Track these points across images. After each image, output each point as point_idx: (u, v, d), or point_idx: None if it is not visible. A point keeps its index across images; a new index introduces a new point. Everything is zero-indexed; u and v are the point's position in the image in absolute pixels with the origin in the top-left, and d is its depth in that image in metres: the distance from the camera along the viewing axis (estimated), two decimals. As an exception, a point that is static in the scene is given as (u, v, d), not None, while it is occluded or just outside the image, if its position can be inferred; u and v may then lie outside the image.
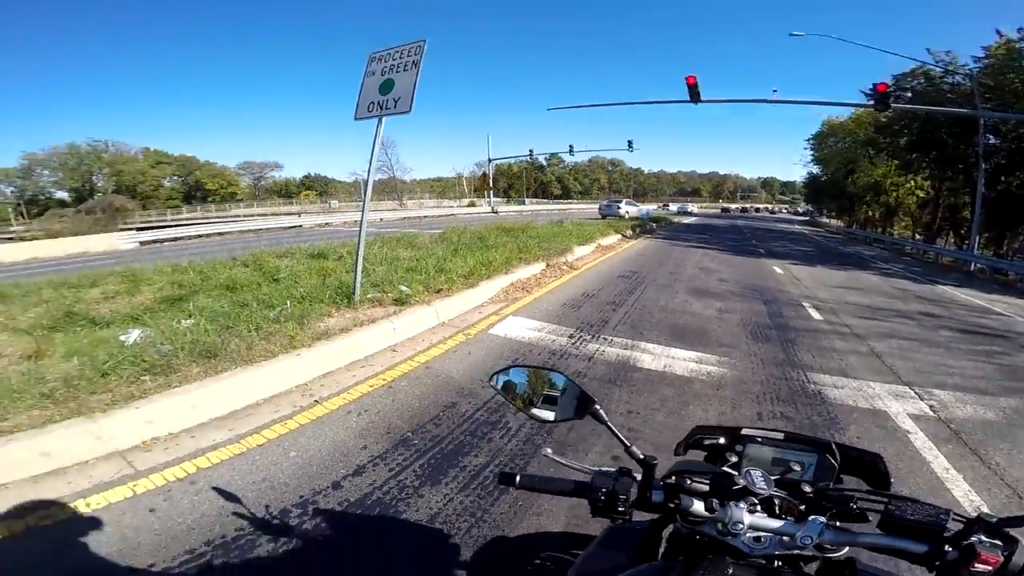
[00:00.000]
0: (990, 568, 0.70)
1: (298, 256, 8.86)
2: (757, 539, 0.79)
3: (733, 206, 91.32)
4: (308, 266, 7.54)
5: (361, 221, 5.82)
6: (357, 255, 5.56)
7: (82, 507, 2.28)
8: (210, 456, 2.73)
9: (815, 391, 4.18)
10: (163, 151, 63.34)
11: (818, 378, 4.50)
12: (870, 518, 0.82)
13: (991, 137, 19.08)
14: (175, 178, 64.45)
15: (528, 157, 48.06)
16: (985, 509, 2.60)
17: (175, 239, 26.67)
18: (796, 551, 0.78)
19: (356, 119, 5.57)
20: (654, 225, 25.17)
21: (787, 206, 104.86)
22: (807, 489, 0.84)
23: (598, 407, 0.93)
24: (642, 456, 0.88)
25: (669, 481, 0.88)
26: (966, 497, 2.77)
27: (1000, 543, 0.71)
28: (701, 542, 0.84)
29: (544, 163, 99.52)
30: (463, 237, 10.56)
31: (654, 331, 5.66)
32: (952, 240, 26.95)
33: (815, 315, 7.20)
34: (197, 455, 2.72)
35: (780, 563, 0.80)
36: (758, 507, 0.83)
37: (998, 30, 18.74)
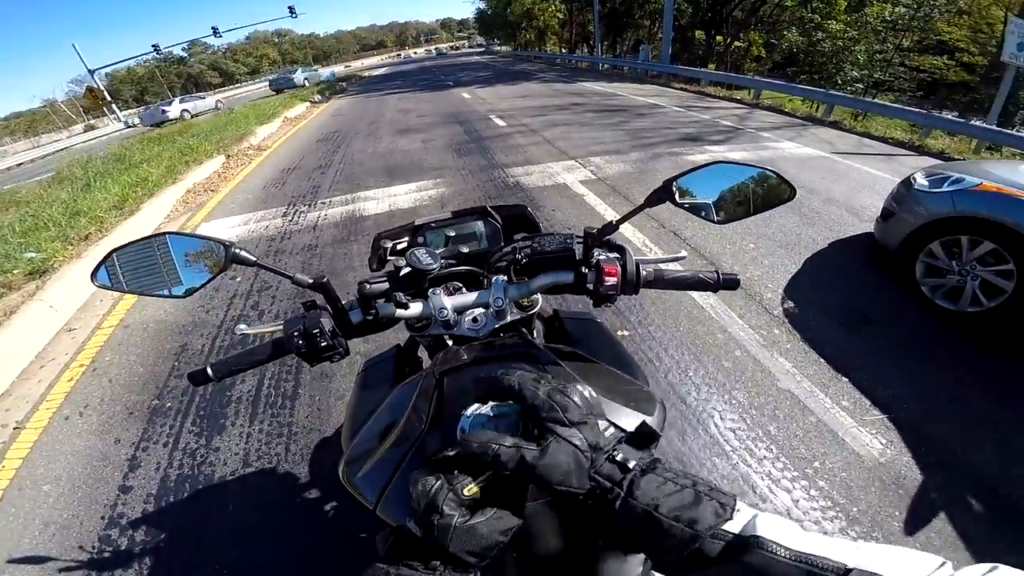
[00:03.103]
0: (615, 279, 0.73)
1: None
2: (475, 319, 0.76)
3: (443, 47, 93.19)
4: None
5: None
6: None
7: None
8: None
9: (515, 183, 4.86)
10: None
11: (514, 171, 5.22)
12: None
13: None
14: None
15: (155, 53, 35.53)
16: (653, 247, 3.27)
17: None
18: (509, 318, 0.78)
19: None
20: (344, 84, 23.27)
21: (467, 42, 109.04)
22: (484, 253, 0.86)
23: (238, 249, 0.69)
24: (311, 280, 0.71)
25: (357, 296, 0.77)
26: (634, 236, 3.46)
27: (615, 254, 0.76)
28: (448, 344, 0.80)
29: (185, 54, 79.98)
30: (91, 168, 7.66)
31: (370, 178, 5.55)
32: (586, 49, 32.56)
33: (501, 123, 8.18)
34: None
35: (503, 333, 0.79)
36: (463, 289, 0.81)
37: None
